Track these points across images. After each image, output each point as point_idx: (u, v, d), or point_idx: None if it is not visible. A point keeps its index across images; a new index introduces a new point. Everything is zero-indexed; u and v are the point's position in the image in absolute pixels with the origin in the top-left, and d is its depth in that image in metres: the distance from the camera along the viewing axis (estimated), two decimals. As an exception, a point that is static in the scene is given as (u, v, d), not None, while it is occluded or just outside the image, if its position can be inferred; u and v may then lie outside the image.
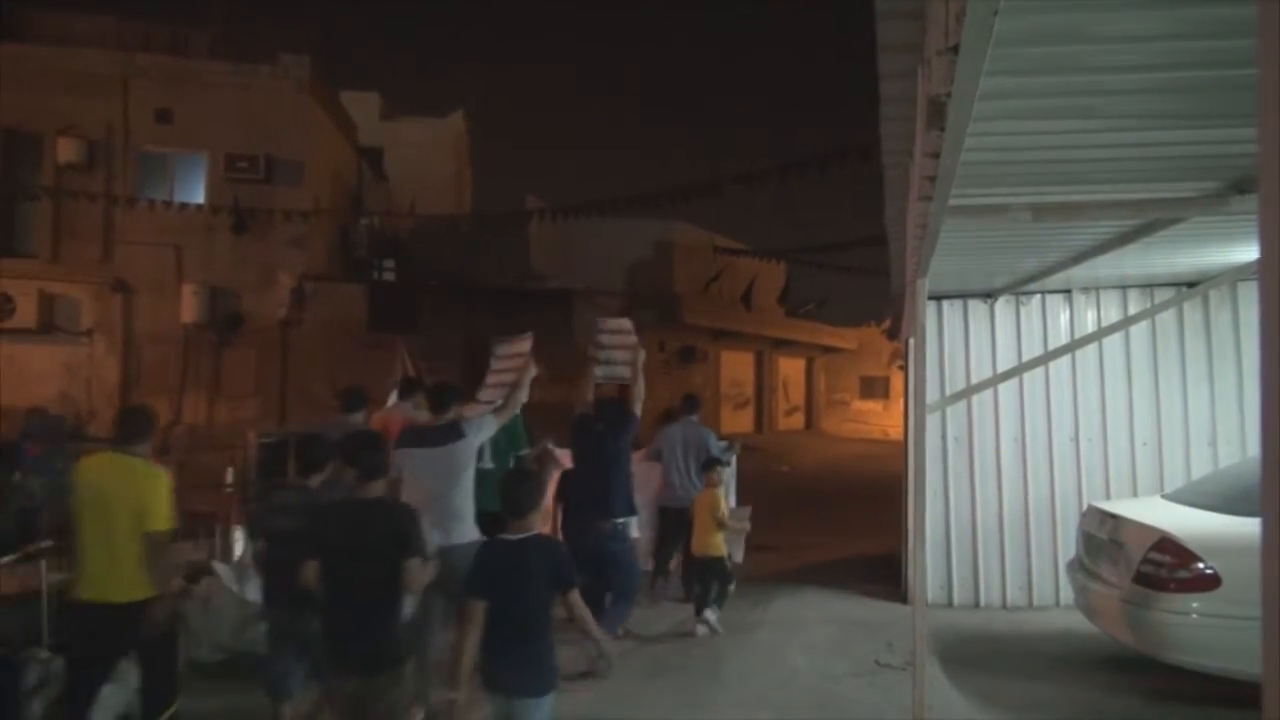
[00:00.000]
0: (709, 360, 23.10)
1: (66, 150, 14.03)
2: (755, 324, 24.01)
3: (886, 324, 16.99)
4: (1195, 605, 5.11)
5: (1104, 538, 5.94)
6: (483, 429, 5.43)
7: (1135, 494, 7.65)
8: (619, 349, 7.01)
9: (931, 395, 6.98)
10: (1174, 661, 5.26)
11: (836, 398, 32.91)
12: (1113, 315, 7.98)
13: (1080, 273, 6.94)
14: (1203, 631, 5.07)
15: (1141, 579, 5.33)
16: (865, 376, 32.83)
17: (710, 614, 7.11)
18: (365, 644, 3.73)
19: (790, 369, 29.86)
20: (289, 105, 14.89)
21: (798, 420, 30.41)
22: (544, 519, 5.67)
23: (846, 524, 11.84)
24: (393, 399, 7.60)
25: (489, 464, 6.01)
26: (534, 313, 15.66)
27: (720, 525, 7.14)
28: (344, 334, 14.59)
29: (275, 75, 14.91)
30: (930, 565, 7.70)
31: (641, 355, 6.92)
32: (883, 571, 9.00)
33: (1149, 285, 7.97)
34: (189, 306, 14.19)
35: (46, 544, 5.53)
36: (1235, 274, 6.46)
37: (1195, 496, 6.02)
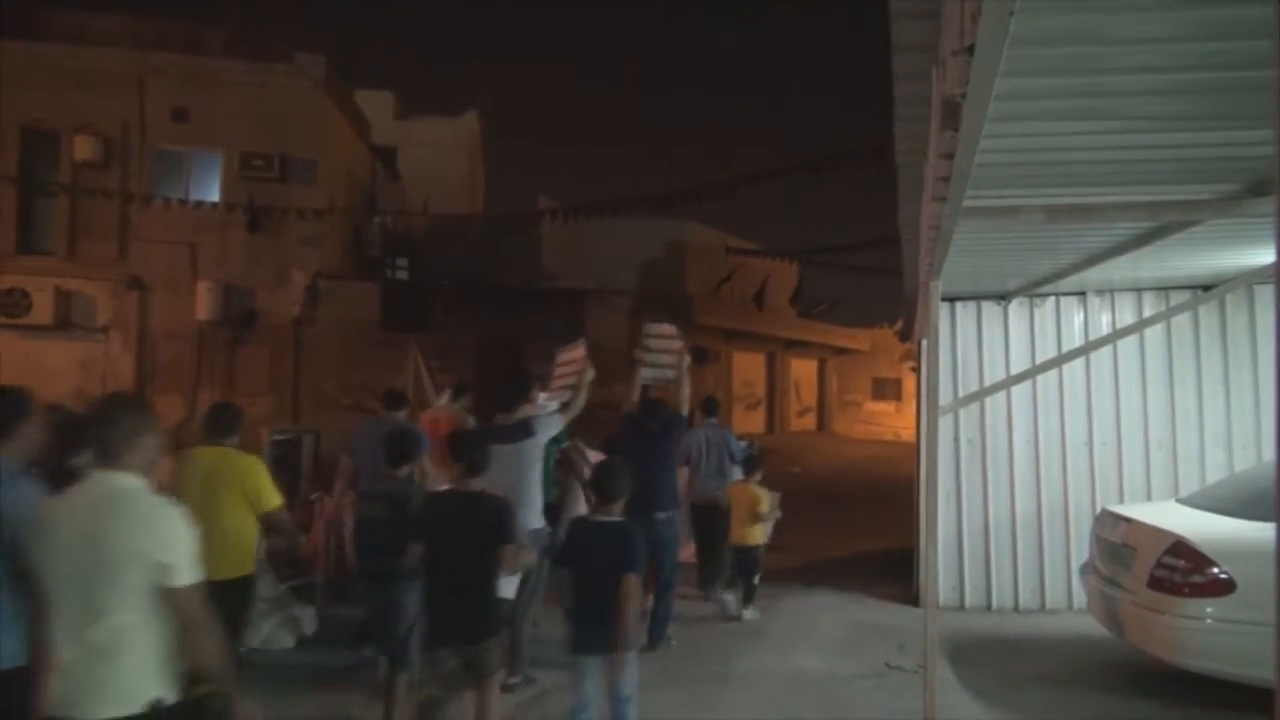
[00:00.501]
0: (721, 361, 23.07)
1: (83, 148, 14.12)
2: (767, 324, 23.96)
3: (899, 325, 16.93)
4: (1209, 610, 5.07)
5: (1117, 541, 5.91)
6: (550, 427, 5.91)
7: (1149, 498, 7.61)
8: (664, 353, 7.33)
9: (944, 397, 6.96)
10: (1187, 667, 5.23)
11: (848, 399, 32.83)
12: (1127, 318, 7.94)
13: (1095, 275, 6.91)
14: (1216, 637, 5.04)
15: (1155, 583, 5.30)
16: (877, 378, 32.73)
17: (729, 598, 7.72)
18: (467, 617, 4.24)
19: (802, 370, 29.80)
20: (304, 104, 14.95)
21: (809, 421, 30.34)
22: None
23: (858, 525, 11.82)
24: (444, 398, 8.21)
25: None
26: (546, 312, 15.69)
27: (759, 519, 7.75)
28: (357, 332, 14.64)
29: (290, 74, 14.97)
30: (942, 567, 7.68)
31: (686, 359, 7.30)
32: (894, 573, 8.97)
33: (1164, 288, 7.92)
34: (203, 304, 14.26)
35: None
36: (1251, 277, 6.42)
37: (1210, 501, 5.98)
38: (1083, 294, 8.10)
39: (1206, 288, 7.52)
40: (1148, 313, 7.88)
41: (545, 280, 18.53)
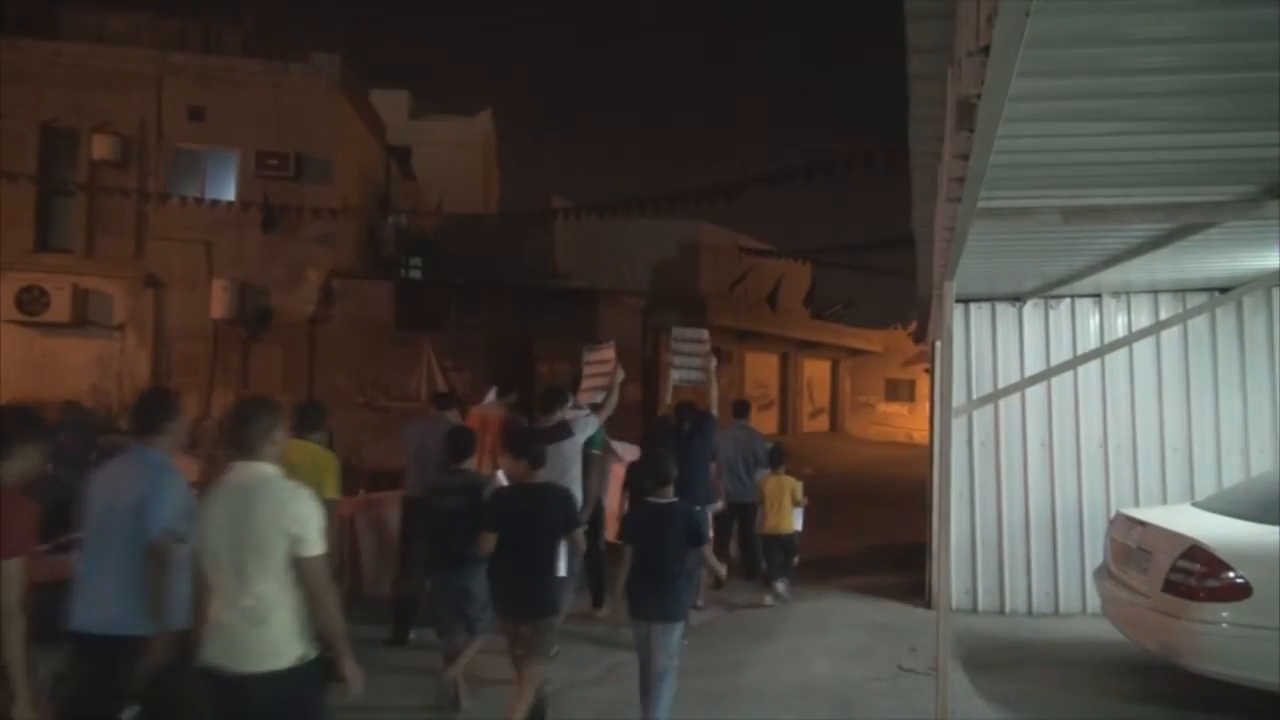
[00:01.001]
0: (734, 361, 23.06)
1: (101, 147, 14.22)
2: (780, 325, 23.91)
3: (913, 326, 16.87)
4: (1225, 615, 5.03)
5: (1132, 545, 5.87)
6: (587, 428, 6.54)
7: (1165, 501, 7.56)
8: (694, 356, 7.85)
9: (958, 399, 6.93)
10: (1203, 671, 5.19)
11: (861, 400, 32.75)
12: (1144, 320, 7.89)
13: (1111, 277, 6.86)
14: (1232, 641, 5.00)
15: (1170, 587, 5.26)
16: (890, 379, 32.64)
17: (780, 585, 8.25)
18: (535, 596, 4.81)
19: (815, 371, 29.74)
20: (319, 104, 15.01)
21: (822, 422, 30.27)
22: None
23: (870, 527, 11.79)
24: (490, 396, 8.57)
25: None
26: (559, 312, 15.72)
27: (796, 504, 8.49)
28: (371, 331, 14.70)
29: (306, 74, 15.03)
30: (955, 570, 7.65)
31: (714, 362, 7.79)
32: (907, 575, 8.94)
33: (1181, 290, 7.87)
34: (218, 302, 14.34)
35: (77, 535, 5.63)
36: (1269, 279, 6.38)
37: (1226, 505, 5.93)
38: (1098, 296, 8.05)
39: (1224, 290, 7.46)
40: (1164, 315, 7.83)
41: (558, 280, 18.56)
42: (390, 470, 9.45)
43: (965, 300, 8.09)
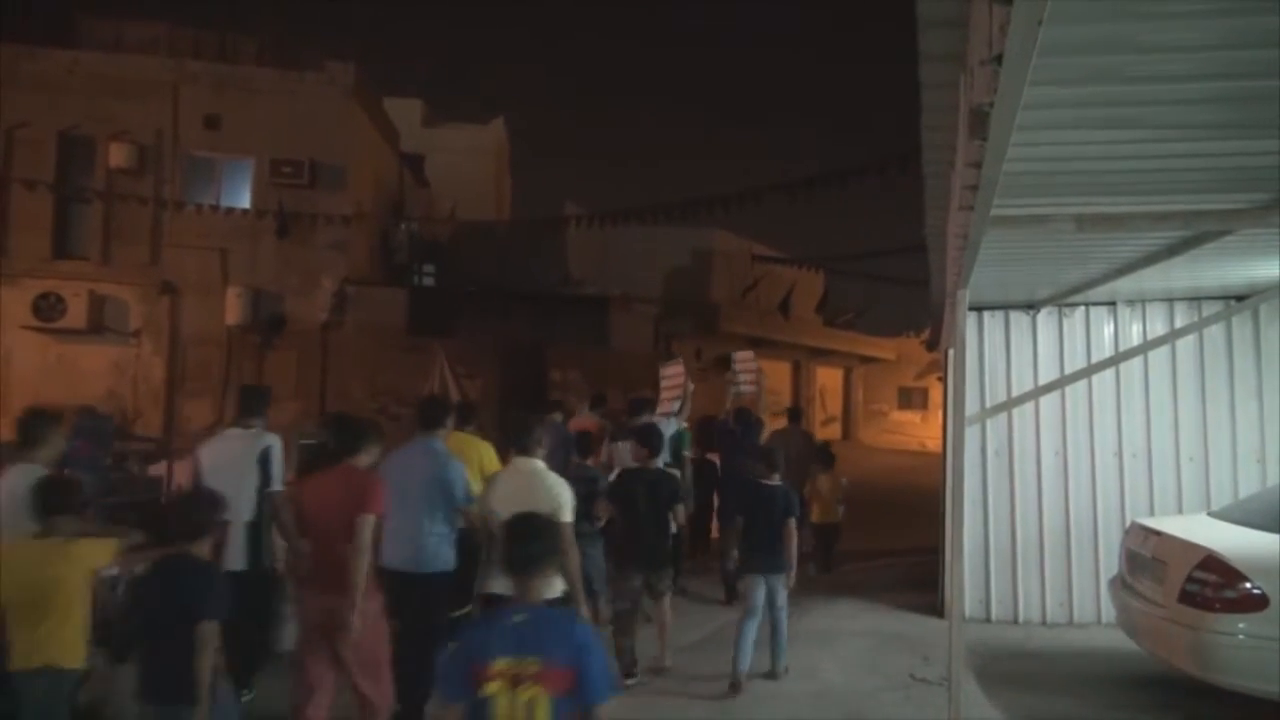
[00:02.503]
0: (746, 368, 23.02)
1: (118, 155, 14.33)
2: (793, 333, 23.89)
3: (926, 334, 16.84)
4: (1241, 626, 4.99)
5: (1147, 555, 5.83)
6: (669, 427, 8.16)
7: (1180, 511, 7.50)
8: (746, 373, 9.79)
9: (971, 407, 6.91)
10: (1219, 683, 5.14)
11: (874, 408, 32.63)
12: (1158, 328, 7.84)
13: (1125, 285, 6.83)
14: (1249, 653, 4.96)
15: (1186, 598, 5.22)
16: (903, 387, 32.50)
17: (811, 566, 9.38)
18: (652, 552, 6.29)
19: (828, 379, 29.67)
20: (334, 111, 15.09)
21: (835, 430, 30.18)
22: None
23: (882, 535, 11.73)
24: (584, 409, 9.92)
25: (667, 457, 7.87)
26: (571, 319, 15.75)
27: (842, 500, 10.10)
28: (384, 338, 14.74)
29: (321, 82, 15.12)
30: (968, 579, 7.60)
31: (763, 378, 9.89)
32: (919, 584, 8.91)
33: (1196, 298, 7.82)
34: (233, 309, 14.42)
35: None
36: (1286, 288, 6.32)
37: (1242, 514, 5.89)
38: (1113, 304, 8.01)
39: (1240, 298, 7.42)
40: (1179, 323, 7.79)
41: (571, 286, 18.59)
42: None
43: (978, 308, 8.06)
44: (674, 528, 6.62)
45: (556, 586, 4.24)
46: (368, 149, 16.36)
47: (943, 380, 9.27)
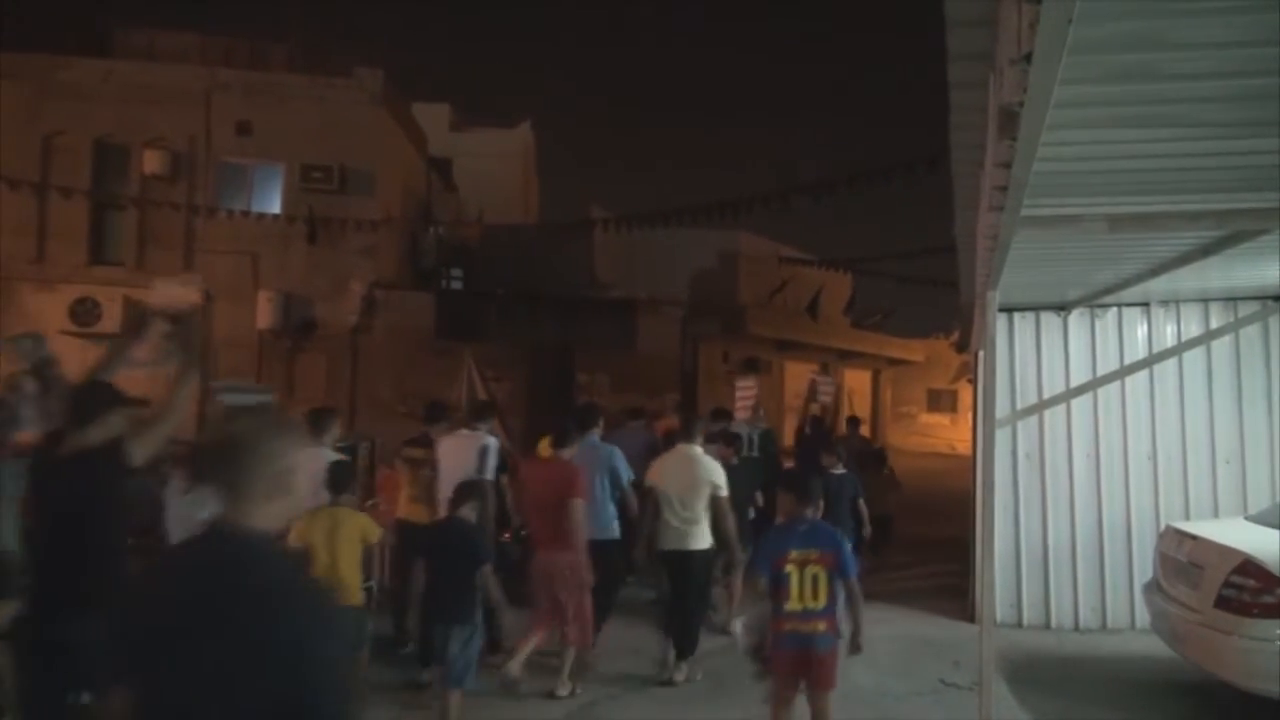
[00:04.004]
0: (773, 371, 22.95)
1: (152, 162, 14.55)
2: (820, 335, 23.75)
3: (955, 336, 16.70)
4: (1279, 632, 4.90)
5: (1183, 559, 5.75)
6: (754, 433, 9.31)
7: (1216, 514, 7.39)
8: (825, 391, 12.50)
9: (1001, 410, 6.83)
10: (1256, 690, 5.06)
11: (903, 410, 32.39)
12: (1193, 329, 7.73)
13: (1159, 285, 6.74)
14: (1288, 660, 4.87)
15: (1223, 603, 5.15)
16: (932, 389, 32.24)
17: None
18: (742, 530, 7.04)
19: (856, 381, 29.46)
20: (362, 117, 15.22)
21: (863, 433, 29.96)
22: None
23: (912, 539, 11.64)
24: (671, 412, 10.60)
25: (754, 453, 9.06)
26: (599, 321, 15.76)
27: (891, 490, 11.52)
28: (412, 341, 14.84)
29: (350, 88, 15.26)
30: (999, 584, 7.52)
31: (840, 393, 11.83)
32: (949, 589, 8.84)
33: (1232, 298, 7.70)
34: (264, 313, 14.58)
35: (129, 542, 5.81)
36: (1325, 287, 6.21)
37: (1281, 518, 5.79)
38: (1146, 305, 7.90)
39: (1277, 298, 7.29)
40: (1215, 324, 7.67)
41: (598, 289, 18.61)
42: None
43: (1009, 309, 7.98)
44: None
45: (708, 538, 6.33)
46: (396, 154, 16.49)
47: (972, 382, 9.20)
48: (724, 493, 6.30)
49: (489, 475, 6.75)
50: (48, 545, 3.66)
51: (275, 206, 14.98)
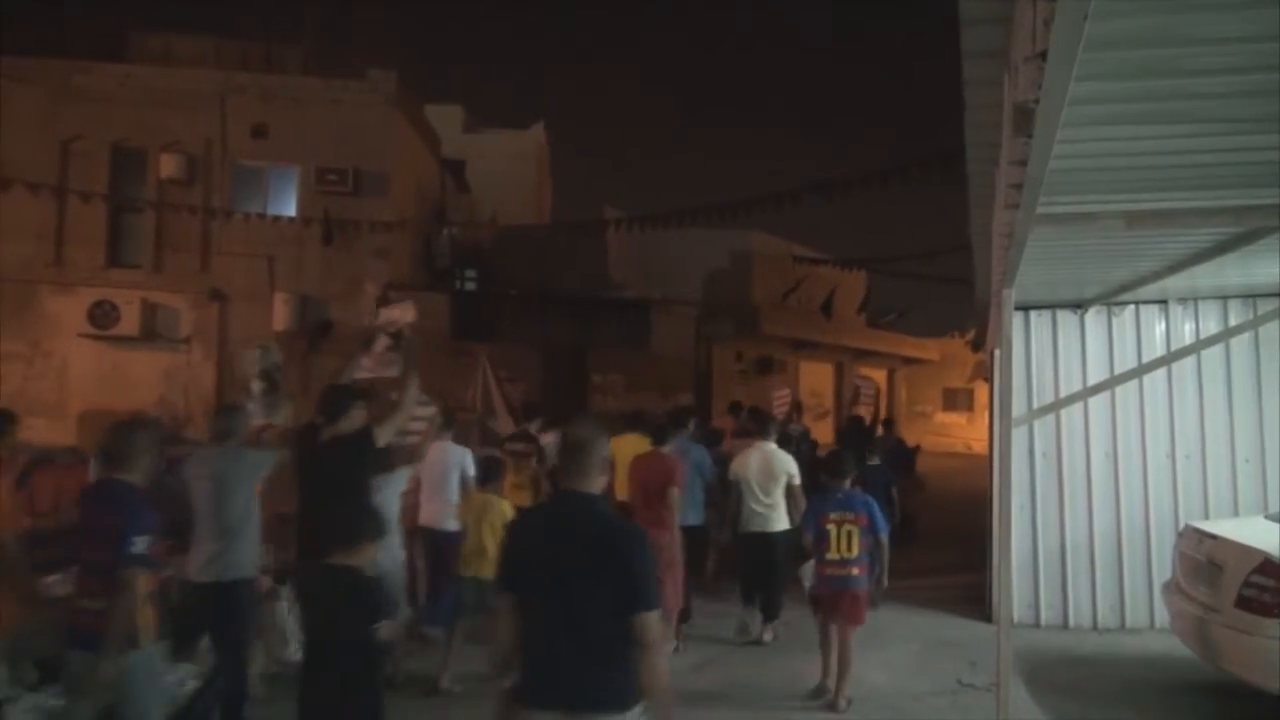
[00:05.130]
0: (787, 370, 22.90)
1: (168, 165, 14.63)
2: (835, 334, 23.68)
3: (970, 335, 16.63)
4: (1301, 632, 4.86)
5: (1202, 559, 5.70)
6: (795, 432, 10.70)
7: (1237, 513, 7.33)
8: (867, 394, 13.84)
9: (1018, 409, 6.80)
10: (1277, 691, 5.01)
11: (918, 410, 32.23)
12: (1212, 327, 7.67)
13: (1177, 283, 6.69)
14: (1310, 660, 4.83)
15: (1243, 603, 5.10)
16: (948, 388, 32.08)
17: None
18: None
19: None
20: (377, 120, 15.27)
21: (877, 432, 29.85)
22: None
23: (928, 538, 11.59)
24: (728, 413, 11.64)
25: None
26: (612, 322, 15.77)
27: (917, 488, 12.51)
28: (427, 342, 14.81)
29: (364, 91, 15.31)
30: (1016, 583, 7.49)
31: (880, 397, 13.42)
32: (966, 588, 8.80)
33: (1251, 295, 7.63)
34: (280, 315, 14.64)
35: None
36: (1346, 284, 6.15)
37: (1302, 517, 5.74)
38: (1164, 302, 7.85)
39: (1297, 295, 7.23)
40: (1234, 321, 7.61)
41: (611, 290, 18.62)
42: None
43: (1025, 307, 7.94)
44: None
45: (785, 520, 7.21)
46: (410, 156, 16.54)
47: (988, 381, 9.16)
48: (797, 481, 7.28)
49: None
50: (317, 509, 4.77)
51: (290, 209, 15.04)
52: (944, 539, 11.48)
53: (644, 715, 2.92)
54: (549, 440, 8.12)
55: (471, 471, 6.84)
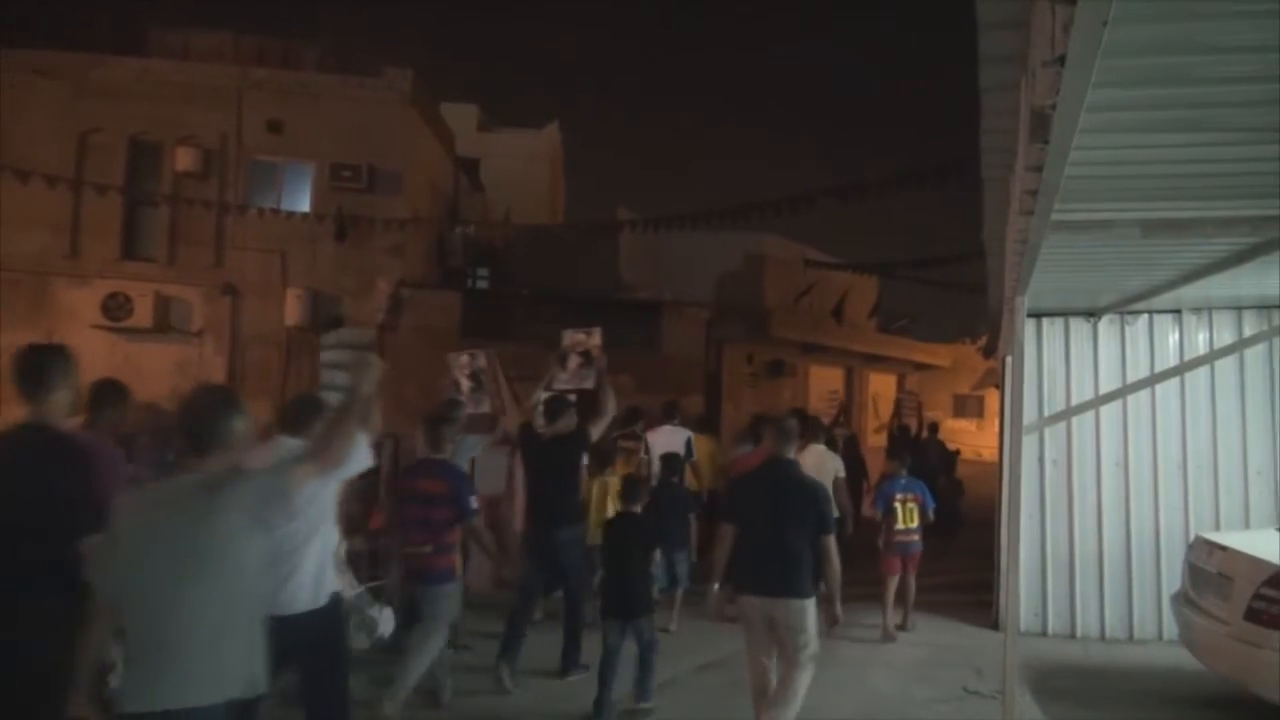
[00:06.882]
0: (797, 374, 22.85)
1: (184, 159, 14.70)
2: (846, 339, 23.62)
3: (982, 341, 16.62)
4: (1311, 646, 4.83)
5: (1212, 570, 5.67)
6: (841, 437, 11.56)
7: (1248, 526, 7.28)
8: (910, 406, 15.41)
9: (1029, 416, 6.78)
10: (1287, 705, 4.98)
11: (928, 416, 32.13)
12: (1226, 337, 7.63)
13: (1191, 292, 6.65)
14: (1320, 674, 4.79)
15: (1253, 615, 5.07)
16: (958, 395, 31.98)
17: None
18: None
19: (881, 385, 29.27)
20: (392, 117, 15.31)
21: (886, 438, 29.78)
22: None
23: (935, 545, 11.56)
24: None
25: None
26: (623, 323, 15.73)
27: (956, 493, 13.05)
28: (438, 340, 14.88)
29: (380, 88, 15.35)
30: (1024, 592, 7.47)
31: (923, 407, 14.40)
32: (973, 596, 8.76)
33: (1266, 306, 7.59)
34: (292, 310, 14.69)
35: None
36: (1362, 296, 6.10)
37: (1314, 531, 5.69)
38: (1178, 311, 7.81)
39: (1313, 307, 7.18)
40: (1248, 332, 7.56)
41: (623, 291, 18.61)
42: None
43: (1038, 315, 7.91)
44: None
45: (834, 511, 6.74)
46: (424, 154, 16.58)
47: (1000, 388, 9.13)
48: (842, 474, 8.10)
49: (689, 457, 9.14)
50: (542, 491, 6.51)
51: (305, 205, 15.09)
52: (950, 547, 11.42)
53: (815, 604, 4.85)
54: (653, 437, 9.38)
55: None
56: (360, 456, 4.38)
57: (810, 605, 4.80)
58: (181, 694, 2.66)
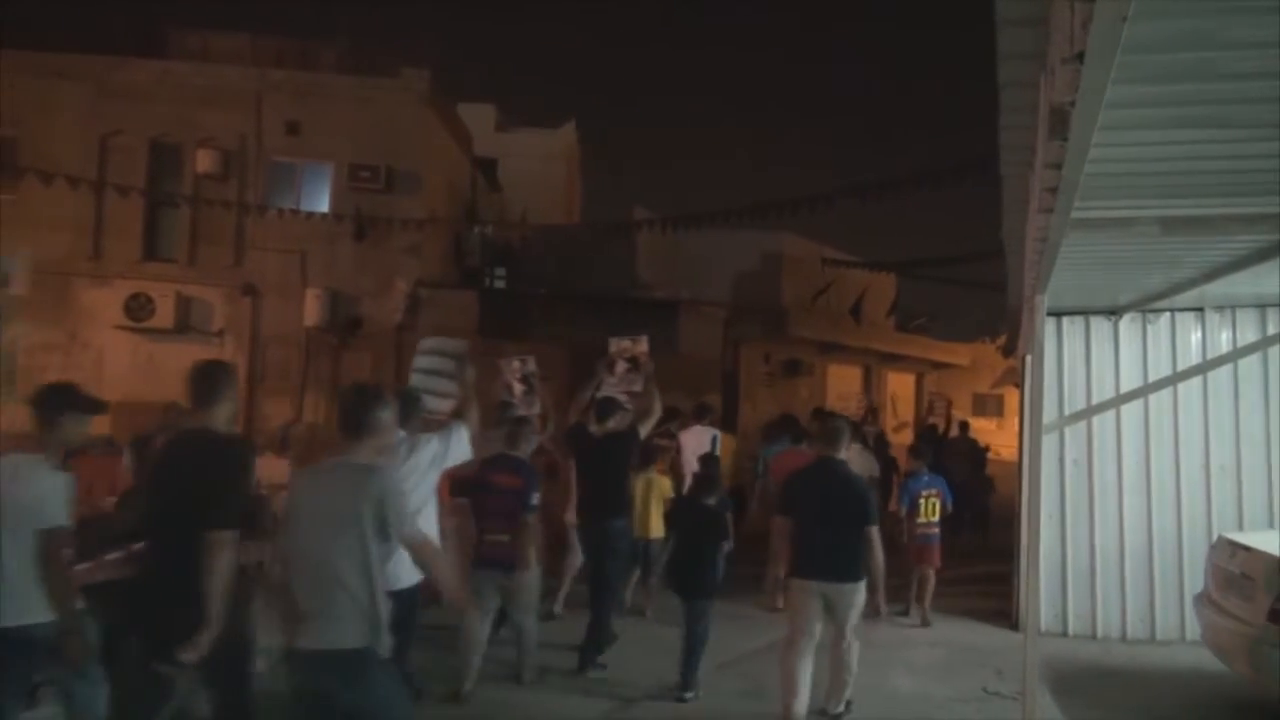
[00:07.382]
0: (815, 374, 22.78)
1: (204, 161, 14.81)
2: (864, 338, 23.52)
3: (1002, 340, 16.52)
4: (1337, 648, 4.77)
5: (1235, 571, 5.61)
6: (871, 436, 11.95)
7: (1272, 526, 7.20)
8: (939, 407, 15.58)
9: (1049, 415, 6.73)
10: (1312, 707, 4.93)
11: (956, 415, 31.94)
12: (1249, 335, 7.55)
13: (1214, 290, 6.58)
14: (1345, 676, 4.74)
15: (1275, 617, 5.02)
16: (977, 394, 31.79)
17: None
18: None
19: (899, 384, 29.14)
20: (409, 117, 15.37)
21: (906, 436, 29.58)
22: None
23: (956, 545, 11.51)
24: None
25: None
26: (640, 322, 15.70)
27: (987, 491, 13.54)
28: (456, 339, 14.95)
29: (397, 89, 15.41)
30: (1044, 592, 7.42)
31: (950, 407, 15.53)
32: (993, 596, 8.71)
33: (1290, 304, 7.50)
34: (311, 310, 14.78)
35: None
36: (1389, 294, 6.02)
37: (1339, 531, 5.63)
38: (1200, 310, 7.73)
39: (1338, 305, 7.09)
40: (1272, 330, 7.48)
41: (640, 290, 18.61)
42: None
43: (1057, 313, 7.86)
44: None
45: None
46: (442, 154, 16.64)
47: (1019, 387, 9.08)
48: (876, 473, 9.00)
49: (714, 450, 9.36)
50: (595, 485, 6.96)
51: (323, 205, 15.17)
52: (970, 546, 11.37)
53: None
54: (685, 437, 9.75)
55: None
56: (464, 447, 5.35)
57: (863, 586, 5.47)
58: (341, 637, 3.30)
